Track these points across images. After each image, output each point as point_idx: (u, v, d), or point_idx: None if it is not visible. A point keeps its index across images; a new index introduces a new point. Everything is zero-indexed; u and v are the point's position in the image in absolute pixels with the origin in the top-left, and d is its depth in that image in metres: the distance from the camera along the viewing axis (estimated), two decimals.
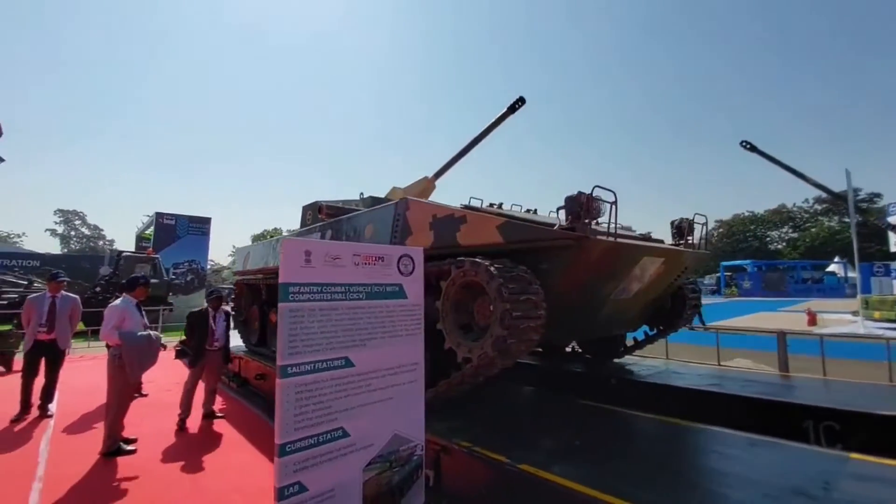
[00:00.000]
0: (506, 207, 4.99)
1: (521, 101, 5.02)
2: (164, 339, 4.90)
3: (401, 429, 2.63)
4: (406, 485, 2.64)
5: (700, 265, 4.77)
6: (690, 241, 4.52)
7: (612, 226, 3.32)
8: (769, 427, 3.63)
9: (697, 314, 13.08)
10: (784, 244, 61.52)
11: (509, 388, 4.74)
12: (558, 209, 3.26)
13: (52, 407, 5.77)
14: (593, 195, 3.16)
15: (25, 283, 17.34)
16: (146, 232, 26.54)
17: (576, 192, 3.16)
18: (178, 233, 24.26)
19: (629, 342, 5.59)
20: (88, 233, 67.76)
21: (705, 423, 3.50)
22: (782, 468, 2.49)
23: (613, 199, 3.29)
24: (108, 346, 4.84)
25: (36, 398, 5.59)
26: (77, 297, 5.91)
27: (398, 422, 2.62)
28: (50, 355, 5.61)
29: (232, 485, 3.77)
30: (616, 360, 5.65)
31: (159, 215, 23.89)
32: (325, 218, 5.23)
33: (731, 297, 41.66)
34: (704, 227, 4.49)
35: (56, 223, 65.22)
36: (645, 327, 5.19)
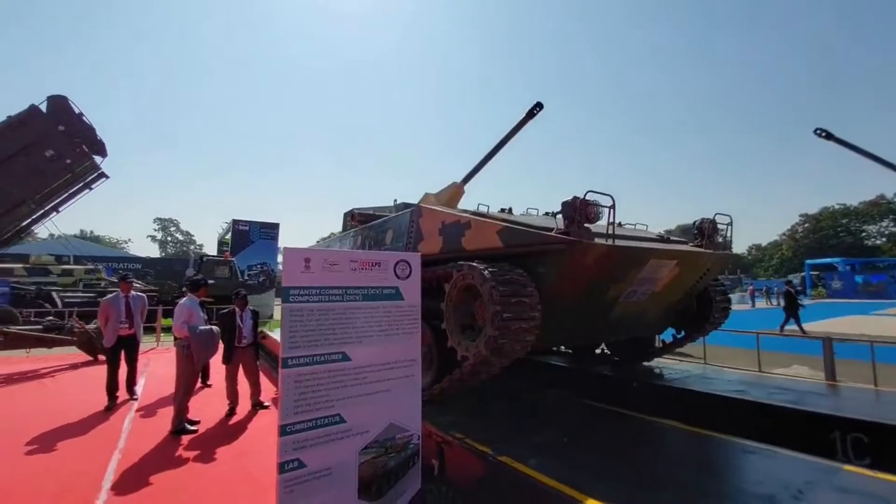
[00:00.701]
0: (521, 211, 5.09)
1: (538, 106, 5.11)
2: None
3: (397, 419, 2.90)
4: (402, 470, 2.90)
5: (723, 267, 4.57)
6: (718, 242, 4.37)
7: (616, 227, 3.35)
8: (791, 436, 3.47)
9: (794, 319, 12.04)
10: (884, 239, 54.35)
11: (529, 388, 4.85)
12: (555, 214, 3.36)
13: (138, 389, 6.72)
14: (587, 199, 3.22)
15: None
16: (226, 237, 29.24)
17: (570, 197, 3.24)
18: (251, 237, 26.51)
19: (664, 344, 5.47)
20: (182, 238, 75.77)
21: (721, 430, 3.43)
22: (765, 476, 2.43)
23: (611, 203, 3.32)
24: (175, 339, 5.60)
25: (121, 386, 6.35)
26: (144, 295, 6.77)
27: (394, 412, 2.89)
28: (129, 347, 6.37)
29: (265, 467, 4.24)
30: (646, 364, 5.53)
31: (235, 222, 26.26)
32: (356, 224, 5.65)
33: (818, 298, 37.66)
34: (729, 227, 4.31)
35: (155, 230, 74.10)
36: (673, 330, 5.05)
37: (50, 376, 8.13)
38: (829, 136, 15.99)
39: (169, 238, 75.91)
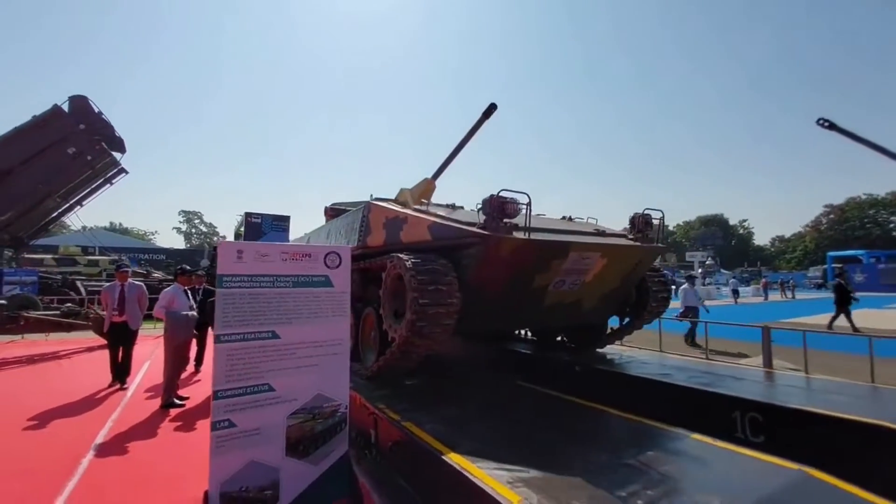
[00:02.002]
0: None
1: (493, 106, 5.43)
2: None
3: (324, 390, 3.32)
4: (329, 434, 3.33)
5: (655, 258, 4.82)
6: (650, 235, 4.64)
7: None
8: (702, 415, 3.79)
9: (845, 315, 11.66)
10: None
11: (477, 372, 5.25)
12: (478, 209, 3.71)
13: (143, 370, 7.37)
14: (503, 196, 3.56)
15: (144, 273, 20.97)
16: (241, 229, 30.36)
17: (488, 195, 3.59)
18: (263, 229, 27.40)
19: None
20: (205, 230, 78.32)
21: (629, 409, 3.75)
22: (626, 444, 2.75)
23: (528, 201, 3.65)
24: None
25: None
26: (142, 284, 7.12)
27: (322, 384, 3.31)
28: (123, 335, 6.65)
29: None
30: (600, 350, 5.84)
31: (248, 214, 27.12)
32: (328, 218, 6.09)
33: None
34: (661, 221, 4.57)
35: (180, 222, 76.82)
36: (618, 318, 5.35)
37: (67, 357, 8.92)
38: (831, 126, 15.77)
39: (193, 230, 78.59)
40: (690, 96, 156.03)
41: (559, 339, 6.35)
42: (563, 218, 5.36)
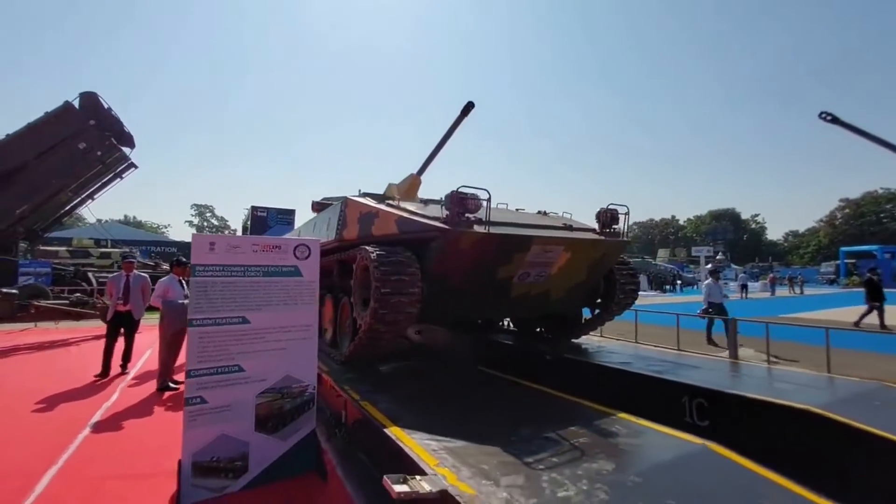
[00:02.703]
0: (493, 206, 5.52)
1: (470, 104, 5.63)
2: None
3: (293, 372, 3.58)
4: (297, 412, 3.59)
5: (620, 252, 4.97)
6: (616, 230, 4.81)
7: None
8: (654, 401, 3.99)
9: (877, 312, 11.22)
10: None
11: (444, 359, 5.51)
12: (441, 205, 3.92)
13: (146, 356, 7.74)
14: (462, 192, 3.77)
15: (153, 265, 21.57)
16: (248, 223, 30.98)
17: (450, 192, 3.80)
18: (269, 223, 27.98)
19: None
20: (217, 223, 79.50)
21: (591, 396, 3.95)
22: (562, 423, 2.96)
23: (487, 197, 3.85)
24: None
25: (117, 360, 6.87)
26: (146, 275, 7.35)
27: (290, 366, 3.57)
28: (126, 324, 6.89)
29: None
30: (575, 340, 6.03)
31: (254, 208, 27.78)
32: (316, 212, 6.35)
33: (850, 287, 36.07)
34: (626, 216, 4.73)
35: (192, 215, 78.18)
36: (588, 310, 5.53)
37: (75, 345, 9.37)
38: (834, 120, 15.59)
39: (205, 223, 79.86)
40: (700, 91, 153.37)
41: (538, 330, 6.55)
42: (539, 213, 5.53)
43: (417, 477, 2.03)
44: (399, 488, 1.93)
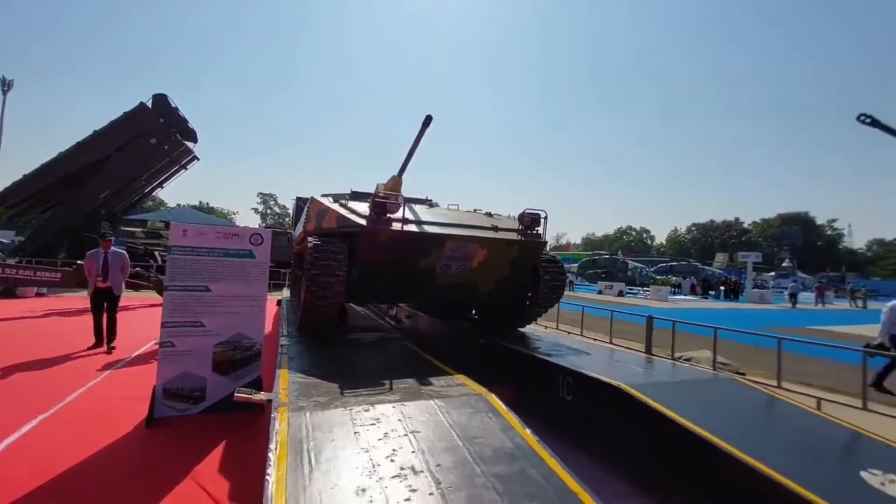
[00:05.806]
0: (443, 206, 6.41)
1: (429, 118, 6.45)
2: None
3: (243, 331, 4.68)
4: (246, 362, 4.69)
5: (538, 251, 5.55)
6: (536, 232, 5.48)
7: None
8: (538, 378, 4.73)
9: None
10: None
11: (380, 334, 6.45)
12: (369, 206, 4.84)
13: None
14: (378, 197, 4.67)
15: None
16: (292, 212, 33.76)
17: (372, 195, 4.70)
18: None
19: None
20: (279, 211, 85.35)
21: (483, 371, 4.72)
22: (406, 374, 3.76)
23: (402, 201, 4.72)
24: None
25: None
26: (125, 252, 7.48)
27: (242, 326, 4.66)
28: (107, 300, 6.99)
29: None
30: (521, 329, 6.72)
31: (298, 199, 30.16)
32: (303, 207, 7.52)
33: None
34: (545, 220, 5.38)
35: (258, 203, 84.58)
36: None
37: (130, 311, 11.30)
38: (873, 123, 14.89)
39: (269, 211, 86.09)
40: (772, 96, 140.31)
41: (495, 319, 7.28)
42: (486, 214, 6.25)
43: (262, 393, 3.01)
44: (239, 393, 3.02)
